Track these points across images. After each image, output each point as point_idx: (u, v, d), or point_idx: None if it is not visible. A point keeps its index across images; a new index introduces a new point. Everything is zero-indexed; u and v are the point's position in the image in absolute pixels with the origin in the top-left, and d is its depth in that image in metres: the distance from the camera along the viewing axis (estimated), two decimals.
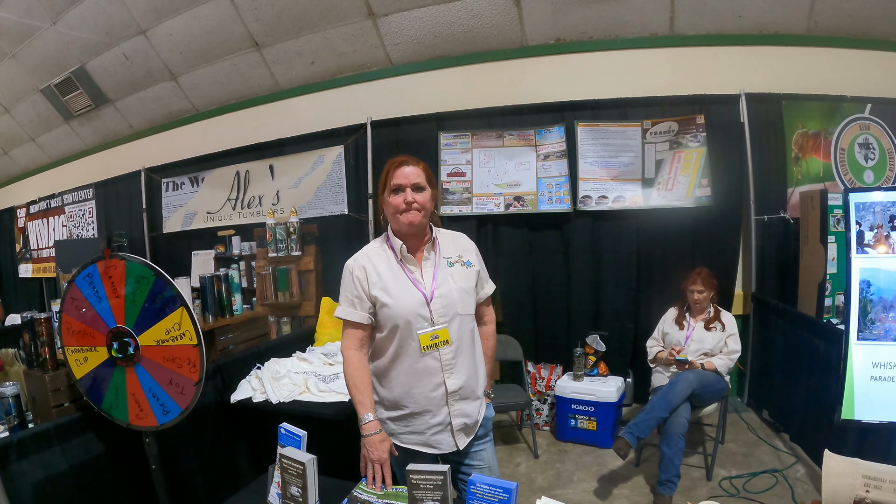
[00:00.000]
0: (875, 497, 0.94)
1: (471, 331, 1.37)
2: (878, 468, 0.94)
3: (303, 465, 1.12)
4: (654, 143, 3.22)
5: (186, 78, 4.12)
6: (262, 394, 2.07)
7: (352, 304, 1.33)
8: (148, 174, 4.35)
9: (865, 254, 1.64)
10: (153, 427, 1.59)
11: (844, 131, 3.32)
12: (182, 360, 1.52)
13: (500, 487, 0.99)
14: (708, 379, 2.48)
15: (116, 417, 1.64)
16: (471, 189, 3.33)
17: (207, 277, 3.62)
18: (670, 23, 3.37)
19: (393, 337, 1.30)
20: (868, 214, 1.65)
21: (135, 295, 1.54)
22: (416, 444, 1.34)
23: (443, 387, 1.31)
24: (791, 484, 2.38)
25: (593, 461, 2.75)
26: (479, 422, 1.39)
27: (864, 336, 1.64)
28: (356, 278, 1.32)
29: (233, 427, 2.16)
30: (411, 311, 1.28)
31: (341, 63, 3.69)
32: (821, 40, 3.37)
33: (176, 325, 1.51)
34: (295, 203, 3.68)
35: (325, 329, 3.02)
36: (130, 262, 1.54)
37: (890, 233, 1.64)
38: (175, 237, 4.27)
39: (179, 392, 1.53)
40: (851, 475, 0.96)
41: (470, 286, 1.37)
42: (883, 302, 1.61)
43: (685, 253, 3.17)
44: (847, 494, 0.96)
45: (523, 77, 3.42)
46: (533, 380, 3.28)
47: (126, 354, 1.57)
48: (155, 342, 1.54)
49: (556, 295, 3.32)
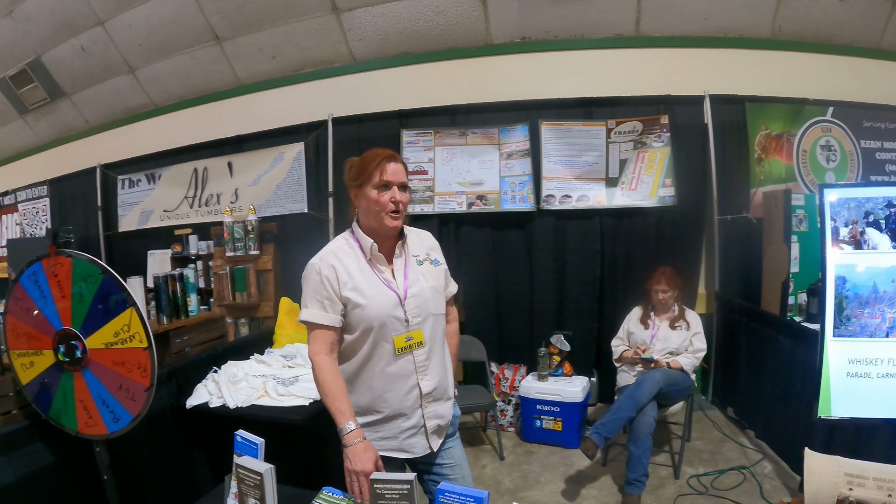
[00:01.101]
0: (858, 495, 0.94)
1: (442, 331, 1.37)
2: (860, 465, 0.95)
3: (260, 475, 1.08)
4: (619, 143, 3.26)
5: (145, 71, 4.05)
6: (218, 398, 2.02)
7: (321, 307, 1.25)
8: (104, 171, 4.25)
9: (840, 250, 1.66)
10: (103, 435, 1.52)
11: (807, 133, 3.41)
12: (132, 364, 1.45)
13: (471, 496, 0.96)
14: (674, 377, 2.51)
15: (65, 425, 1.56)
16: (433, 188, 3.32)
17: (162, 277, 3.54)
18: (636, 23, 3.43)
19: (365, 339, 1.26)
20: (843, 210, 1.67)
21: (82, 295, 1.47)
22: (388, 449, 1.31)
23: (417, 389, 1.30)
24: (759, 480, 2.41)
25: (560, 462, 2.76)
26: (449, 423, 1.38)
27: (840, 333, 1.64)
28: (325, 278, 1.25)
29: (189, 433, 2.10)
30: (386, 312, 1.25)
31: (303, 58, 3.67)
32: (785, 44, 3.46)
33: (125, 327, 1.44)
34: (254, 201, 3.62)
35: (284, 330, 2.97)
36: (77, 260, 1.47)
37: (865, 229, 1.65)
38: (131, 236, 4.18)
39: (130, 398, 1.46)
40: (834, 473, 0.97)
41: (440, 285, 1.36)
42: (858, 298, 1.62)
43: (648, 252, 3.21)
44: (830, 493, 0.97)
45: (488, 75, 3.44)
46: (497, 380, 3.26)
47: (73, 358, 1.50)
48: (103, 345, 1.47)
49: (519, 295, 3.33)
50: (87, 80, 4.27)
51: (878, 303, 1.60)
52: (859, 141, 3.43)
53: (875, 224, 1.65)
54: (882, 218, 1.64)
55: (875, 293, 1.61)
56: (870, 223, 1.65)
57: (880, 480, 0.92)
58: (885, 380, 1.60)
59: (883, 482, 0.92)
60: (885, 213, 1.63)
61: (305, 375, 2.12)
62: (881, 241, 1.62)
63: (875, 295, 1.61)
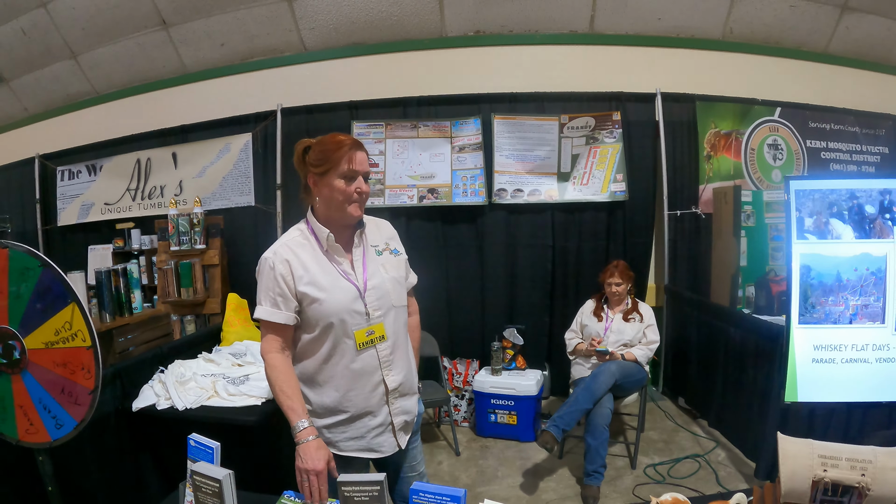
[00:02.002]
0: (833, 475, 0.97)
1: (404, 323, 1.34)
2: (832, 447, 0.98)
3: (218, 482, 1.04)
4: (571, 138, 3.31)
5: (87, 57, 3.91)
6: (166, 400, 1.95)
7: (274, 304, 1.22)
8: (42, 161, 4.09)
9: (805, 240, 1.72)
10: (46, 443, 1.43)
11: (755, 132, 3.55)
12: (75, 365, 1.36)
13: (448, 495, 0.95)
14: (629, 369, 2.57)
15: (4, 433, 1.46)
16: (384, 181, 3.31)
17: (104, 272, 3.42)
18: (591, 21, 3.49)
19: (325, 336, 1.23)
20: (807, 202, 1.73)
21: (20, 289, 1.38)
22: (356, 450, 1.28)
23: (382, 385, 1.27)
24: (714, 468, 2.49)
25: (516, 455, 2.78)
26: (415, 418, 1.36)
27: (806, 320, 1.71)
28: (279, 274, 1.21)
29: (137, 438, 2.02)
30: (345, 306, 1.22)
31: (253, 46, 3.60)
32: (736, 46, 3.59)
33: (67, 325, 1.35)
34: (199, 193, 3.54)
35: (233, 328, 2.90)
36: (14, 251, 1.38)
37: (829, 219, 1.71)
38: (70, 230, 4.02)
39: (73, 402, 1.37)
40: (808, 456, 0.99)
41: (401, 275, 1.34)
42: (823, 286, 1.69)
43: (599, 246, 3.28)
44: (805, 475, 0.99)
45: (441, 68, 3.45)
46: (450, 375, 3.28)
47: (11, 360, 1.41)
48: (43, 344, 1.39)
49: (470, 289, 3.35)
50: (26, 65, 4.10)
51: (841, 291, 1.68)
52: (805, 141, 3.59)
53: (839, 215, 1.72)
54: (845, 209, 1.71)
55: (839, 282, 1.69)
56: (833, 214, 1.72)
57: (853, 461, 0.96)
58: (849, 365, 1.68)
59: (856, 462, 0.96)
60: (848, 205, 1.70)
61: (256, 374, 2.08)
62: (844, 231, 1.70)
63: (839, 283, 1.69)
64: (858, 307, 1.64)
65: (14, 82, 4.28)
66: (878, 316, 1.63)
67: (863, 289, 1.62)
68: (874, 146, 3.74)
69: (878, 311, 1.62)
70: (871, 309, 1.62)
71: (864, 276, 1.62)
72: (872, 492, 0.95)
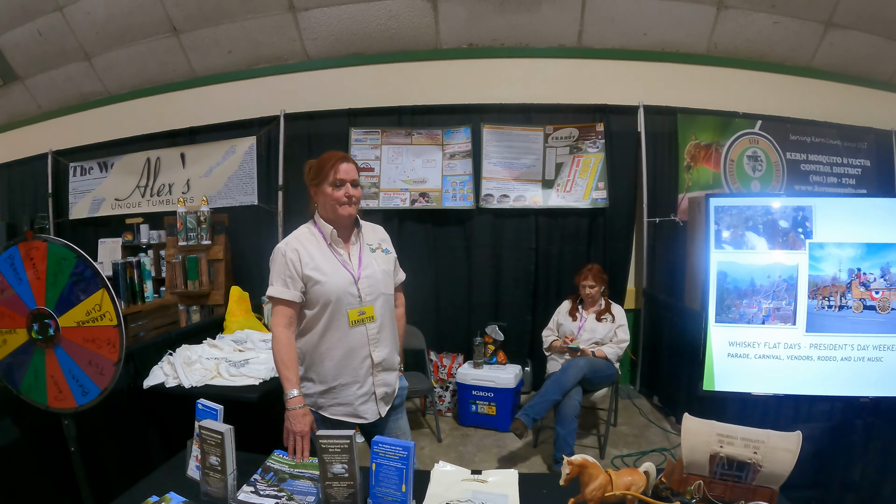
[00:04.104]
0: (728, 451, 1.13)
1: (391, 310, 1.63)
2: (729, 428, 1.13)
3: (221, 434, 1.22)
4: (556, 147, 3.61)
5: (101, 59, 4.21)
6: (174, 379, 2.19)
7: (284, 284, 1.50)
8: (55, 157, 4.39)
9: (722, 249, 2.01)
10: (72, 409, 1.67)
11: (735, 144, 3.78)
12: (102, 341, 1.61)
13: (400, 446, 1.17)
14: (598, 365, 2.81)
15: (35, 400, 1.70)
16: (378, 184, 3.62)
17: (120, 264, 3.79)
18: (579, 35, 3.76)
19: (323, 313, 1.50)
20: (726, 216, 2.03)
21: (56, 276, 1.62)
22: (343, 414, 1.57)
23: (369, 359, 1.55)
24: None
25: (493, 443, 3.05)
26: (395, 391, 1.65)
27: (722, 319, 1.98)
28: (289, 260, 1.50)
29: (145, 413, 2.27)
30: (342, 288, 1.50)
31: (258, 54, 3.90)
32: (719, 60, 3.82)
33: (97, 307, 1.60)
34: (205, 192, 3.83)
35: (235, 318, 3.15)
36: (52, 244, 1.62)
37: (745, 232, 2.00)
38: (81, 224, 4.31)
39: (99, 373, 1.61)
40: (707, 434, 1.14)
41: (390, 269, 1.63)
42: (737, 290, 1.97)
43: (581, 250, 3.56)
44: (704, 450, 1.14)
45: (435, 78, 3.73)
46: (435, 368, 3.57)
47: (46, 336, 1.64)
48: (76, 323, 1.63)
49: (457, 288, 3.64)
50: (41, 65, 4.39)
51: (755, 294, 1.95)
52: (785, 153, 3.80)
53: (754, 228, 2.00)
54: (760, 224, 1.99)
55: (752, 286, 1.96)
56: (749, 227, 2.01)
57: (747, 440, 1.11)
58: (761, 360, 1.95)
59: (749, 441, 1.11)
60: (763, 220, 1.99)
61: (255, 358, 2.33)
62: (759, 242, 1.98)
63: (752, 288, 1.96)
64: (771, 309, 1.90)
65: (29, 81, 4.59)
66: (790, 318, 1.89)
67: (775, 293, 1.89)
68: (855, 159, 3.93)
69: (790, 313, 1.89)
70: (782, 312, 1.89)
71: (776, 282, 1.89)
72: (764, 468, 1.10)
